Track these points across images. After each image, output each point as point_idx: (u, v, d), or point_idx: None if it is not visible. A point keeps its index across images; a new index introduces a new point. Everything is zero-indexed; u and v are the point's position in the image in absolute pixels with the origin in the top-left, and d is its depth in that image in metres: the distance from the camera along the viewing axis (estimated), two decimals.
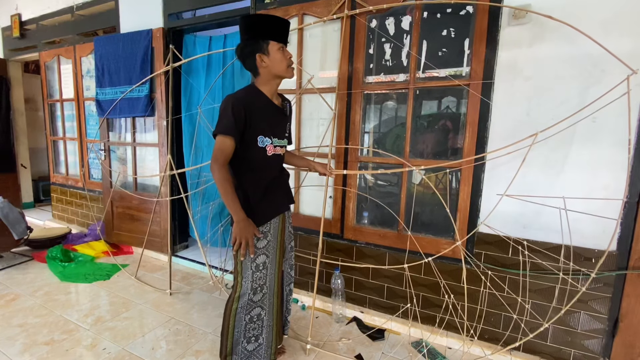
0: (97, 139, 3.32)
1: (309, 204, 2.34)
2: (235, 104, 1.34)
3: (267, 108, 1.45)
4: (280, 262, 1.56)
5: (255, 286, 1.46)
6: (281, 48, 1.42)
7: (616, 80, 1.43)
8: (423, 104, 1.98)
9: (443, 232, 1.93)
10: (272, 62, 1.41)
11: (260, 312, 1.49)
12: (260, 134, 1.42)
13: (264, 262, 1.46)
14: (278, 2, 2.25)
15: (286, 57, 1.43)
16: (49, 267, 2.79)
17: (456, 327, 1.89)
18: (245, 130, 1.38)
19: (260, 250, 1.45)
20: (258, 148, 1.42)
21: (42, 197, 4.92)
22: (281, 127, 1.53)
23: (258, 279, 1.46)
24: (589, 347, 1.64)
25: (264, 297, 1.49)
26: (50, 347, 1.78)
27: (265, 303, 1.50)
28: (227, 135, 1.35)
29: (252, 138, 1.40)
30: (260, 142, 1.42)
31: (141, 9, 2.92)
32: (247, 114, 1.36)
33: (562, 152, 1.60)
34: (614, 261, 1.56)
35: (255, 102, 1.41)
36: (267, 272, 1.49)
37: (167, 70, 2.62)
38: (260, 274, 1.46)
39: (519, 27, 1.63)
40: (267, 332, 1.51)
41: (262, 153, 1.43)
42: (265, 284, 1.48)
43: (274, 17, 1.42)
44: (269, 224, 1.48)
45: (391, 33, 1.96)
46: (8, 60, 4.18)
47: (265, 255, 1.47)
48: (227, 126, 1.34)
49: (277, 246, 1.52)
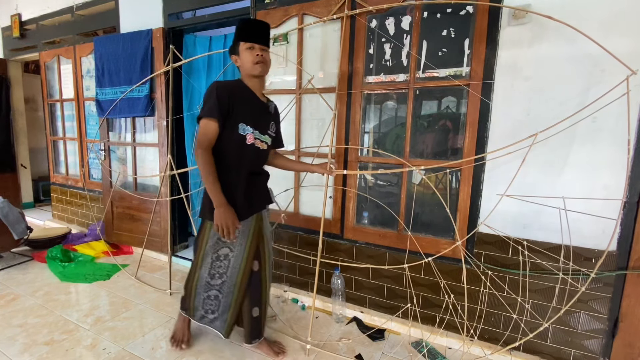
0: (97, 139, 3.32)
1: (308, 204, 2.34)
2: (220, 89, 1.43)
3: (251, 100, 1.54)
4: (248, 262, 1.61)
5: (213, 272, 1.57)
6: (250, 47, 1.49)
7: (616, 80, 1.43)
8: (423, 104, 1.98)
9: (443, 232, 1.93)
10: (242, 61, 1.52)
11: (217, 294, 1.64)
12: (242, 122, 1.49)
13: (226, 254, 1.56)
14: (278, 2, 2.25)
15: (253, 55, 1.49)
16: (49, 267, 2.79)
17: (456, 327, 1.89)
18: (228, 116, 1.45)
19: (225, 243, 1.56)
20: (239, 135, 1.49)
21: (42, 197, 4.91)
22: (264, 122, 1.59)
23: (218, 267, 1.57)
24: (589, 347, 1.64)
25: (223, 283, 1.60)
26: (50, 347, 1.78)
27: (224, 288, 1.60)
28: (211, 118, 1.42)
29: (234, 124, 1.47)
30: (241, 130, 1.49)
31: (141, 9, 2.92)
32: (230, 100, 1.44)
33: (562, 152, 1.60)
34: (614, 261, 1.56)
35: (240, 92, 1.51)
36: (230, 265, 1.57)
37: (167, 70, 2.62)
38: (220, 264, 1.57)
39: (519, 27, 1.63)
40: (222, 310, 1.65)
41: (242, 141, 1.50)
42: (225, 274, 1.58)
43: (245, 20, 1.54)
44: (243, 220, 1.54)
45: (391, 33, 1.96)
46: (8, 60, 4.18)
47: (229, 249, 1.56)
48: (211, 109, 1.41)
49: (246, 245, 1.58)
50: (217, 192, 1.43)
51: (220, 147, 1.48)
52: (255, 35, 1.50)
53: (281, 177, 2.40)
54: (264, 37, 1.53)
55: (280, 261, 2.45)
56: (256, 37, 1.51)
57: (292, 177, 2.36)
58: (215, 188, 1.43)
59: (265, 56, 1.52)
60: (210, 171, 1.42)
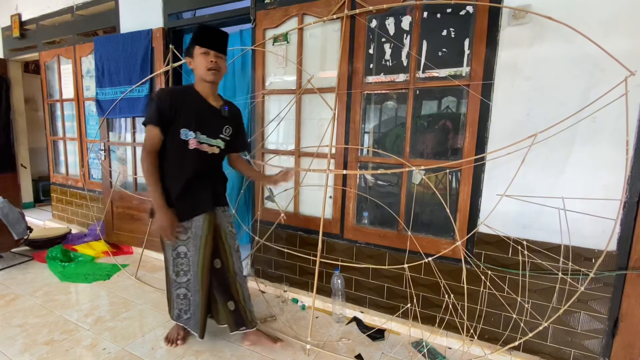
0: (97, 139, 3.32)
1: (308, 204, 2.34)
2: (162, 96, 1.50)
3: (199, 105, 1.57)
4: (205, 260, 1.64)
5: (177, 269, 1.65)
6: (205, 52, 1.53)
7: (616, 80, 1.43)
8: (423, 104, 1.98)
9: (443, 232, 1.93)
10: (195, 64, 1.56)
11: (185, 293, 1.68)
12: (185, 127, 1.53)
13: (184, 252, 1.61)
14: (278, 2, 2.25)
15: (207, 60, 1.53)
16: (49, 267, 2.79)
17: (456, 327, 1.89)
18: (171, 122, 1.51)
19: (181, 242, 1.61)
20: (180, 140, 1.53)
21: (42, 197, 4.92)
22: (214, 126, 1.62)
23: (179, 264, 1.63)
24: (588, 347, 1.64)
25: (189, 281, 1.64)
26: (50, 347, 1.78)
27: (191, 286, 1.65)
28: (152, 125, 1.50)
29: (176, 130, 1.52)
30: (184, 135, 1.53)
31: (141, 9, 2.92)
32: (172, 105, 1.49)
33: (562, 152, 1.60)
34: (614, 261, 1.56)
35: (185, 98, 1.55)
36: (190, 263, 1.62)
37: (167, 70, 2.62)
38: (181, 261, 1.63)
39: (519, 27, 1.63)
40: (194, 309, 1.69)
41: (184, 146, 1.54)
42: (189, 272, 1.63)
43: (203, 26, 1.57)
44: (190, 221, 1.60)
45: (391, 33, 1.96)
46: (8, 60, 4.18)
47: (186, 247, 1.61)
48: (152, 116, 1.49)
49: (201, 244, 1.61)
50: (156, 195, 1.50)
51: (165, 151, 1.56)
52: (211, 42, 1.54)
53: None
54: (221, 44, 1.58)
55: (280, 261, 2.45)
56: (212, 44, 1.54)
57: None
58: (155, 190, 1.50)
59: (219, 63, 1.56)
60: (151, 173, 1.50)
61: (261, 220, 2.45)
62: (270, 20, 2.29)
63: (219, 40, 1.57)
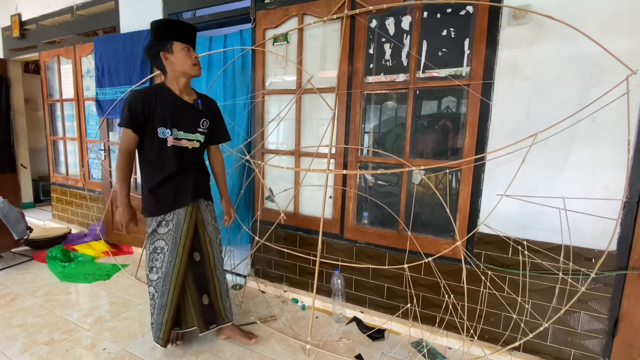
0: (97, 139, 3.32)
1: (308, 204, 2.34)
2: (133, 99, 1.52)
3: (172, 103, 1.59)
4: (184, 253, 1.66)
5: (151, 265, 1.65)
6: (185, 48, 1.56)
7: (616, 80, 1.43)
8: (423, 104, 1.98)
9: (443, 232, 1.93)
10: (176, 59, 1.56)
11: (153, 293, 1.67)
12: (161, 126, 1.56)
13: (162, 247, 1.62)
14: (278, 2, 2.25)
15: (191, 57, 1.57)
16: (49, 267, 2.79)
17: (456, 327, 1.89)
18: (146, 122, 1.54)
19: (160, 236, 1.63)
20: (158, 139, 1.56)
21: (42, 197, 4.91)
22: (190, 121, 1.64)
23: (154, 259, 1.64)
24: (589, 347, 1.64)
25: (158, 280, 1.64)
26: (50, 347, 1.78)
27: (159, 286, 1.64)
28: (125, 127, 1.53)
29: (153, 129, 1.55)
30: (161, 133, 1.56)
31: (141, 9, 2.93)
32: (144, 107, 1.52)
33: (562, 152, 1.60)
34: (614, 261, 1.56)
35: (157, 97, 1.56)
36: (165, 259, 1.63)
37: None
38: (157, 256, 1.63)
39: (519, 27, 1.63)
40: (157, 312, 1.66)
41: (162, 143, 1.57)
42: (161, 268, 1.63)
43: (177, 21, 1.60)
44: (172, 214, 1.62)
45: (391, 33, 1.96)
46: (8, 60, 4.18)
47: (164, 241, 1.63)
48: (125, 119, 1.52)
49: (180, 238, 1.64)
50: (121, 195, 1.58)
51: (144, 150, 1.60)
52: (190, 38, 1.60)
53: (281, 177, 2.41)
54: (195, 39, 1.64)
55: (280, 261, 2.45)
56: (191, 40, 1.60)
57: (292, 177, 2.36)
58: (123, 190, 1.58)
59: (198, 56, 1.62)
60: (121, 172, 1.56)
61: (261, 220, 2.45)
62: (270, 20, 2.29)
63: (194, 37, 1.62)
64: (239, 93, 3.05)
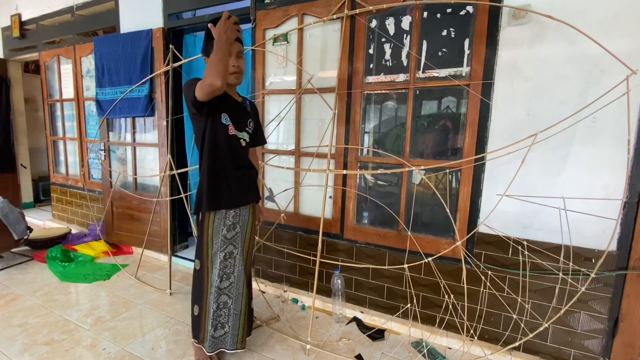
0: (97, 139, 3.32)
1: (308, 204, 2.34)
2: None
3: (226, 98, 1.53)
4: (249, 254, 1.65)
5: (222, 273, 1.55)
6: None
7: (616, 80, 1.43)
8: (423, 104, 1.98)
9: (443, 232, 1.93)
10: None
11: (227, 300, 1.58)
12: (224, 112, 1.51)
13: (231, 252, 1.56)
14: (278, 2, 2.25)
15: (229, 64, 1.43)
16: (49, 267, 2.79)
17: (456, 327, 1.89)
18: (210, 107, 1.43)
19: (228, 241, 1.56)
20: (222, 125, 1.51)
21: (42, 197, 4.92)
22: (241, 119, 1.60)
23: (228, 266, 1.56)
24: (589, 347, 1.64)
25: (231, 285, 1.58)
26: (50, 347, 1.78)
27: (232, 292, 1.58)
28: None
29: (216, 114, 1.49)
30: (224, 119, 1.51)
31: (141, 9, 2.92)
32: None
33: (562, 152, 1.60)
34: (614, 261, 1.55)
35: None
36: (236, 262, 1.58)
37: (167, 70, 2.62)
38: (229, 262, 1.57)
39: (519, 27, 1.63)
40: (233, 320, 1.60)
41: (225, 130, 1.51)
42: (233, 273, 1.58)
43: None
44: (238, 215, 1.58)
45: (391, 33, 1.96)
46: (8, 60, 4.18)
47: (233, 246, 1.57)
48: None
49: (245, 239, 1.62)
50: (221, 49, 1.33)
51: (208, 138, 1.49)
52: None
53: (280, 177, 2.40)
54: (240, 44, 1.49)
55: (280, 261, 2.45)
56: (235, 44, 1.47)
57: (292, 177, 2.36)
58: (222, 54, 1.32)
59: (240, 65, 1.50)
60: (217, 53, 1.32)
61: None
62: (270, 20, 2.29)
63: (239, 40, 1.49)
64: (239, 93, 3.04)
